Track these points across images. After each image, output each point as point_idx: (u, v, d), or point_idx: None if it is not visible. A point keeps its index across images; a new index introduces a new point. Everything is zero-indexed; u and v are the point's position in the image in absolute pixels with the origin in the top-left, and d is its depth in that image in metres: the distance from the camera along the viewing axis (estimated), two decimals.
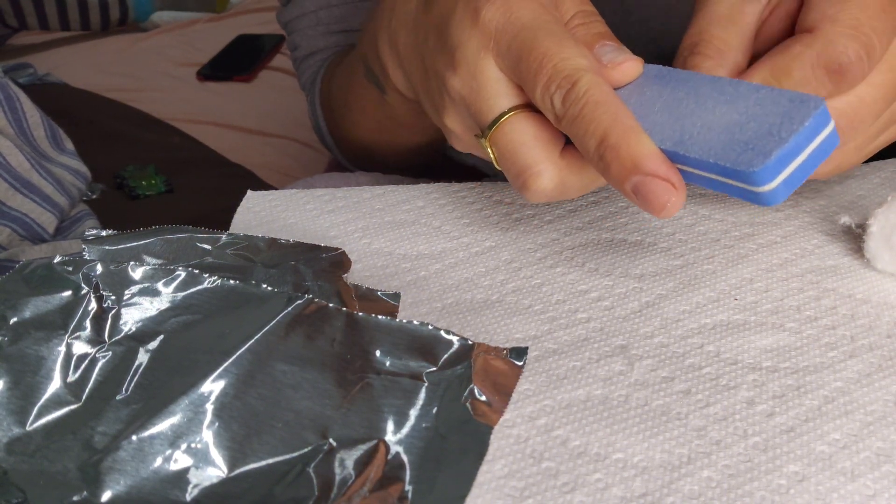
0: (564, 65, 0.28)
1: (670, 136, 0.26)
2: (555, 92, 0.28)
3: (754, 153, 0.23)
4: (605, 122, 0.26)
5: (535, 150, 0.29)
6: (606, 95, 0.27)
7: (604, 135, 0.26)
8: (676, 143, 0.25)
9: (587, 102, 0.27)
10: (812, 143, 0.23)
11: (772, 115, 0.24)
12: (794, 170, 0.23)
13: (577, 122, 0.27)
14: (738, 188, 0.24)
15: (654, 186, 0.25)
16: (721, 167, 0.24)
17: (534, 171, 0.29)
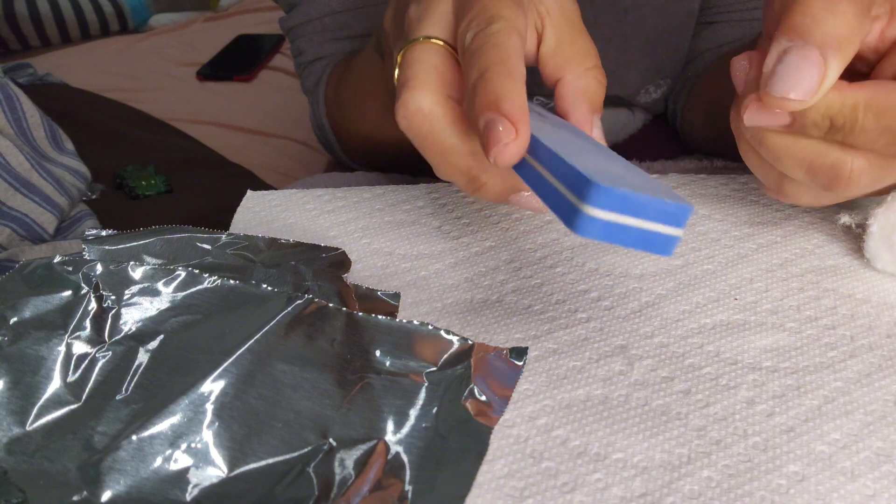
0: (492, 10, 0.28)
1: (562, 148, 0.24)
2: (472, 28, 0.28)
3: (608, 178, 0.22)
4: (493, 60, 0.27)
5: (428, 74, 0.29)
6: (510, 43, 0.27)
7: (485, 68, 0.27)
8: (558, 149, 0.24)
9: (488, 42, 0.28)
10: (655, 223, 0.22)
11: (644, 184, 0.23)
12: (622, 223, 0.22)
13: (474, 55, 0.28)
14: (565, 201, 0.23)
15: (500, 124, 0.26)
16: (574, 171, 0.22)
17: (413, 87, 0.29)
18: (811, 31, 0.26)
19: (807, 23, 0.26)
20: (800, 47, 0.26)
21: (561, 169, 0.23)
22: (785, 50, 0.26)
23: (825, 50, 0.26)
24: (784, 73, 0.26)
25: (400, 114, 0.29)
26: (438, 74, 0.29)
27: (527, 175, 0.26)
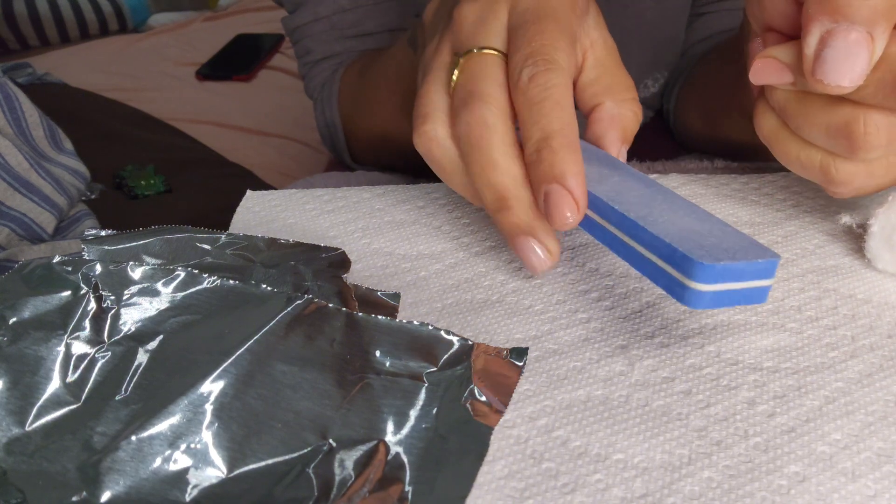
0: (551, 52, 0.29)
1: (637, 211, 0.27)
2: (529, 65, 0.29)
3: (706, 252, 0.25)
4: (556, 125, 0.29)
5: (495, 86, 0.30)
6: (568, 102, 0.29)
7: (550, 135, 0.28)
8: (640, 218, 0.27)
9: (550, 96, 0.29)
10: (753, 281, 0.25)
11: (731, 242, 0.26)
12: (726, 290, 0.25)
13: (533, 108, 0.29)
14: (671, 278, 0.26)
15: (566, 199, 0.28)
16: (672, 248, 0.25)
17: (483, 98, 0.30)
18: (856, 8, 0.25)
19: (852, 0, 0.25)
20: (846, 30, 0.25)
21: (663, 250, 0.26)
22: (829, 32, 0.25)
23: (873, 28, 0.25)
24: (833, 60, 0.25)
25: (463, 121, 0.30)
26: (504, 91, 0.30)
27: (598, 234, 0.29)
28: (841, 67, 0.26)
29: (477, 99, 0.30)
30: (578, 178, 0.28)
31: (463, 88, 0.31)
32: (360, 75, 0.58)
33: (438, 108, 0.32)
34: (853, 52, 0.25)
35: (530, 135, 0.29)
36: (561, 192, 0.28)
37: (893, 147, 0.28)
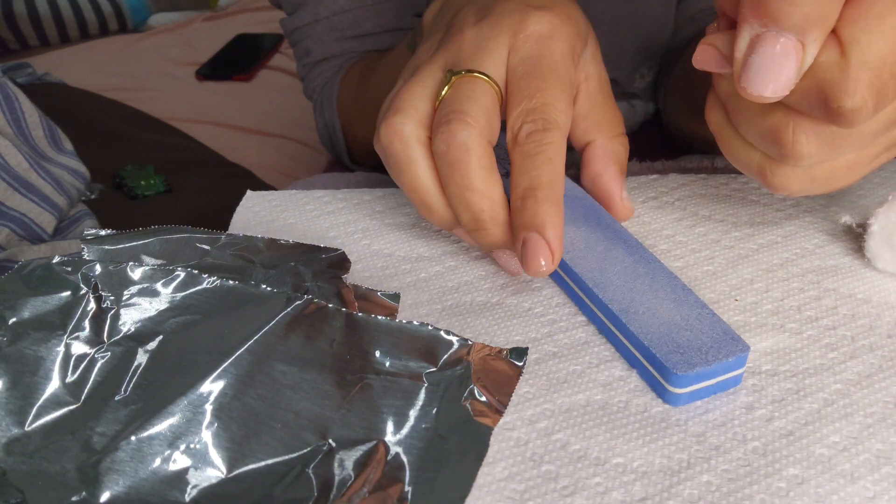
0: (551, 112, 0.31)
1: (619, 301, 0.29)
2: (529, 122, 0.31)
3: (682, 358, 0.26)
4: (545, 178, 0.30)
5: (482, 111, 0.31)
6: (560, 159, 0.31)
7: (537, 186, 0.30)
8: (622, 311, 0.29)
9: (544, 152, 0.30)
10: (726, 374, 0.27)
11: (706, 336, 0.27)
12: (703, 387, 0.27)
13: (526, 159, 0.30)
14: (651, 376, 0.27)
15: (542, 248, 0.29)
16: (651, 353, 0.27)
17: (466, 119, 0.30)
18: (787, 13, 0.23)
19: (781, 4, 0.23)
20: (774, 36, 0.24)
21: (642, 349, 0.27)
22: (758, 36, 0.24)
23: (804, 35, 0.24)
24: (758, 67, 0.24)
25: (443, 139, 0.30)
26: (489, 120, 0.31)
27: (588, 313, 0.31)
28: (765, 76, 0.24)
29: (460, 119, 0.30)
30: (556, 231, 0.29)
31: (448, 105, 0.31)
32: (360, 77, 0.58)
33: (416, 108, 0.32)
34: (779, 60, 0.24)
35: (519, 182, 0.30)
36: (539, 241, 0.29)
37: (832, 153, 0.27)
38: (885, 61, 0.24)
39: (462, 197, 0.31)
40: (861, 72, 0.24)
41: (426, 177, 0.32)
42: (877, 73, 0.24)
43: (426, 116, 0.32)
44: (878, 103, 0.24)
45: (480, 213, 0.31)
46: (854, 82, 0.24)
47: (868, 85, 0.24)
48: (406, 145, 0.31)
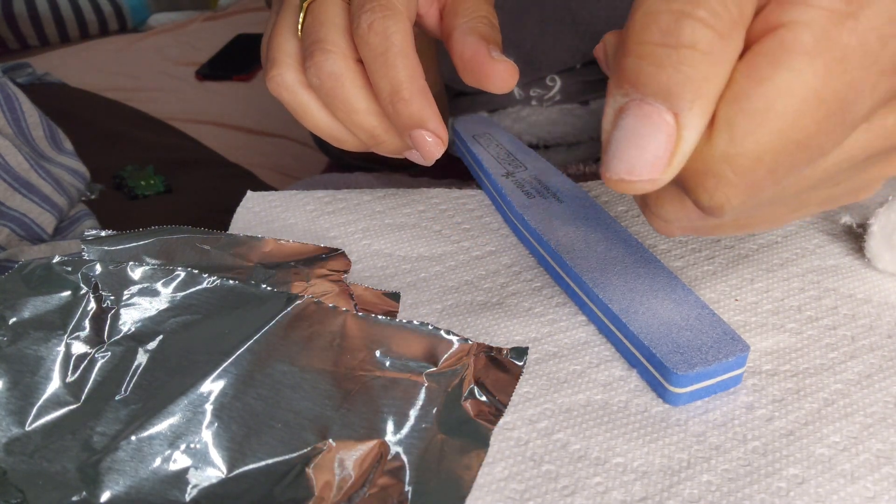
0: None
1: (619, 301, 0.29)
2: (367, 11, 0.29)
3: (682, 358, 0.26)
4: (402, 74, 0.29)
5: (337, 32, 0.30)
6: (410, 48, 0.29)
7: (399, 86, 0.29)
8: (622, 311, 0.28)
9: (392, 46, 0.29)
10: (726, 374, 0.27)
11: (706, 336, 0.27)
12: (703, 387, 0.27)
13: (378, 59, 0.29)
14: (651, 376, 0.27)
15: (431, 141, 0.29)
16: (651, 352, 0.27)
17: (325, 47, 0.30)
18: (649, 74, 0.18)
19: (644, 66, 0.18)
20: (636, 103, 0.18)
21: (643, 349, 0.27)
22: (620, 108, 0.18)
23: (676, 103, 0.18)
24: (618, 143, 0.18)
25: (313, 73, 0.30)
26: (348, 37, 0.30)
27: (588, 313, 0.31)
28: (625, 154, 0.18)
29: (320, 49, 0.30)
30: (435, 121, 0.29)
31: (308, 35, 0.31)
32: None
33: (287, 53, 0.32)
34: (642, 133, 0.18)
35: (381, 87, 0.29)
36: (423, 135, 0.29)
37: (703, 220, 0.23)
38: (763, 156, 0.18)
39: (351, 121, 0.31)
40: (725, 167, 0.18)
41: (322, 115, 0.32)
42: (748, 169, 0.18)
43: (300, 56, 0.32)
44: (748, 200, 0.19)
45: (373, 129, 0.31)
46: (715, 178, 0.19)
47: (731, 184, 0.19)
48: (293, 94, 0.32)
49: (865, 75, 0.18)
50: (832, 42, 0.17)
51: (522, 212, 0.35)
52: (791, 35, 0.17)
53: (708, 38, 0.17)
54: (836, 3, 0.17)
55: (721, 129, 0.18)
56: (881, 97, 0.19)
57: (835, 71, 0.18)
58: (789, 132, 0.18)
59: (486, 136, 0.42)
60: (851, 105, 0.18)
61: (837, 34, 0.17)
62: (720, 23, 0.17)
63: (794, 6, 0.18)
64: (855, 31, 0.18)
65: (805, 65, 0.17)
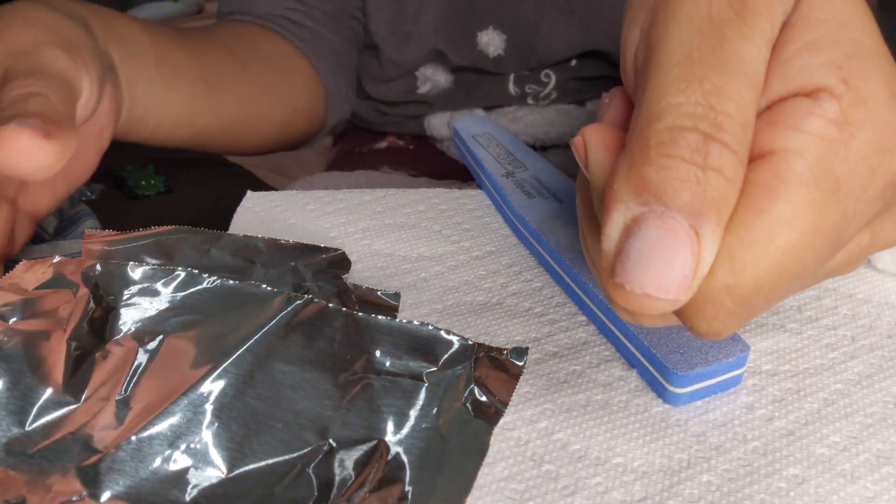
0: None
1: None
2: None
3: (682, 358, 0.26)
4: None
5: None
6: None
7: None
8: None
9: None
10: (726, 374, 0.27)
11: None
12: (703, 387, 0.27)
13: None
14: (652, 375, 0.27)
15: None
16: (651, 353, 0.27)
17: None
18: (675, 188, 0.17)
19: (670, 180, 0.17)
20: (659, 215, 0.17)
21: (643, 350, 0.27)
22: (636, 218, 0.17)
23: (698, 220, 0.17)
24: (641, 254, 0.17)
25: None
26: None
27: (588, 313, 0.31)
28: (651, 267, 0.17)
29: None
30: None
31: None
32: None
33: None
34: (670, 247, 0.17)
35: None
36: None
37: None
38: (762, 287, 0.18)
39: None
40: (725, 297, 0.18)
41: None
42: (747, 299, 0.18)
43: None
44: (741, 324, 0.19)
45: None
46: (714, 308, 0.18)
47: (730, 313, 0.18)
48: None
49: (856, 204, 0.18)
50: (826, 172, 0.17)
51: (522, 212, 0.35)
52: (785, 164, 0.17)
53: (733, 164, 0.17)
54: (829, 130, 0.18)
55: (723, 259, 0.18)
56: (867, 220, 0.19)
57: (830, 201, 0.18)
58: (789, 264, 0.18)
59: (486, 136, 0.42)
60: (843, 232, 0.18)
61: (831, 164, 0.18)
62: (742, 151, 0.17)
63: (786, 130, 0.18)
64: (847, 161, 0.18)
65: (802, 197, 0.17)
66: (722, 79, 0.17)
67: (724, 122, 0.17)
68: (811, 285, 0.22)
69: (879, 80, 0.18)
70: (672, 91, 0.17)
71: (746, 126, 0.17)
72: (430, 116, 0.64)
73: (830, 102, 0.18)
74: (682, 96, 0.17)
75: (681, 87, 0.17)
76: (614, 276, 0.17)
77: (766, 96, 0.19)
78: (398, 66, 0.62)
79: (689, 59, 0.17)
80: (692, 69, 0.17)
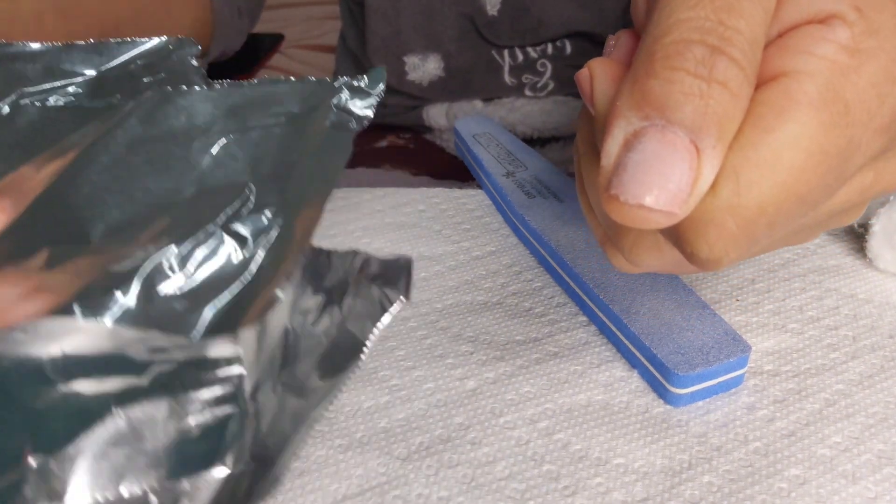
0: None
1: (620, 301, 0.29)
2: None
3: (683, 359, 0.26)
4: None
5: None
6: None
7: None
8: (623, 312, 0.28)
9: None
10: (727, 375, 0.27)
11: (707, 336, 0.27)
12: (705, 387, 0.27)
13: None
14: (653, 376, 0.27)
15: None
16: (652, 353, 0.27)
17: None
18: (678, 102, 0.17)
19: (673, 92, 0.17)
20: (659, 128, 0.17)
21: (644, 350, 0.27)
22: (636, 132, 0.17)
23: (699, 135, 0.17)
24: (638, 166, 0.17)
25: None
26: None
27: (588, 313, 0.31)
28: (646, 178, 0.17)
29: None
30: None
31: None
32: None
33: None
34: (668, 158, 0.17)
35: None
36: None
37: (682, 269, 0.22)
38: (766, 209, 0.17)
39: None
40: (728, 217, 0.17)
41: None
42: (750, 221, 0.18)
43: None
44: (743, 254, 0.19)
45: None
46: (717, 229, 0.18)
47: (733, 236, 0.18)
48: None
49: (863, 132, 0.18)
50: (836, 95, 0.17)
51: (523, 212, 0.35)
52: (796, 85, 0.17)
53: (739, 78, 0.17)
54: (840, 56, 0.18)
55: (727, 178, 0.17)
56: (872, 154, 0.19)
57: (839, 125, 0.18)
58: (794, 185, 0.17)
59: (487, 136, 0.42)
60: (849, 161, 0.18)
61: (841, 87, 0.18)
62: (749, 67, 0.17)
63: (797, 54, 0.18)
64: (857, 86, 0.18)
65: (811, 117, 0.17)
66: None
67: (732, 36, 0.17)
68: (814, 224, 0.21)
69: (893, 11, 0.18)
70: (682, 8, 0.17)
71: (755, 44, 0.17)
72: (428, 107, 0.64)
73: (843, 29, 0.18)
74: (691, 11, 0.17)
75: (691, 4, 0.17)
76: (610, 188, 0.17)
77: (780, 23, 0.19)
78: (384, 41, 0.61)
79: None
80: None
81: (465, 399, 0.27)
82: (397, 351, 0.29)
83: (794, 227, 0.20)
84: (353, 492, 0.24)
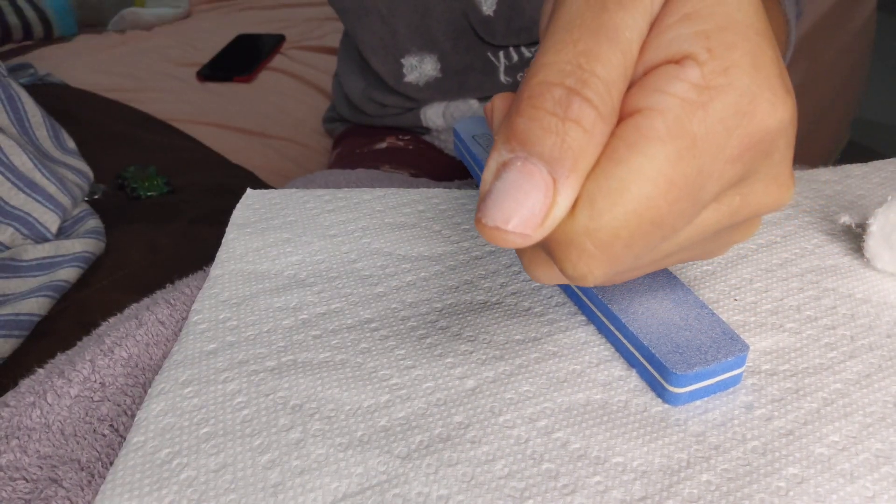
0: None
1: (619, 301, 0.29)
2: None
3: (681, 358, 0.26)
4: None
5: None
6: None
7: None
8: (622, 311, 0.29)
9: None
10: (725, 374, 0.27)
11: (705, 336, 0.27)
12: (703, 386, 0.27)
13: None
14: (651, 376, 0.27)
15: None
16: (650, 352, 0.27)
17: None
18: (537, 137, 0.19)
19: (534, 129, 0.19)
20: (521, 159, 0.19)
21: (642, 350, 0.27)
22: (504, 163, 0.19)
23: (555, 168, 0.19)
24: (499, 192, 0.19)
25: None
26: None
27: (587, 313, 0.31)
28: (505, 204, 0.19)
29: None
30: None
31: None
32: None
33: None
34: (523, 186, 0.19)
35: None
36: None
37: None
38: (619, 232, 0.19)
39: None
40: (586, 239, 0.19)
41: None
42: (606, 243, 0.19)
43: None
44: (609, 272, 0.20)
45: None
46: (577, 250, 0.20)
47: (593, 256, 0.20)
48: None
49: (713, 162, 0.20)
50: (683, 130, 0.19)
51: None
52: (646, 121, 0.19)
53: (591, 117, 0.19)
54: (689, 93, 0.19)
55: (583, 204, 0.19)
56: (728, 181, 0.21)
57: (685, 157, 0.19)
58: (644, 211, 0.19)
59: (486, 137, 0.42)
60: (700, 189, 0.20)
61: (689, 123, 0.19)
62: (603, 106, 0.19)
63: (652, 93, 0.19)
64: (704, 122, 0.19)
65: (657, 150, 0.19)
66: (594, 42, 0.19)
67: (588, 79, 0.19)
68: (687, 243, 0.23)
69: (745, 50, 0.20)
70: (550, 52, 0.19)
71: (612, 85, 0.19)
72: (425, 107, 0.65)
73: (693, 68, 0.19)
74: (557, 56, 0.19)
75: (557, 49, 0.19)
76: (478, 212, 0.20)
77: (643, 64, 0.20)
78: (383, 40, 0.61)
79: (571, 25, 0.19)
80: (570, 33, 0.19)
81: (465, 398, 0.27)
82: (397, 350, 0.30)
83: (668, 246, 0.22)
84: (354, 490, 0.24)
